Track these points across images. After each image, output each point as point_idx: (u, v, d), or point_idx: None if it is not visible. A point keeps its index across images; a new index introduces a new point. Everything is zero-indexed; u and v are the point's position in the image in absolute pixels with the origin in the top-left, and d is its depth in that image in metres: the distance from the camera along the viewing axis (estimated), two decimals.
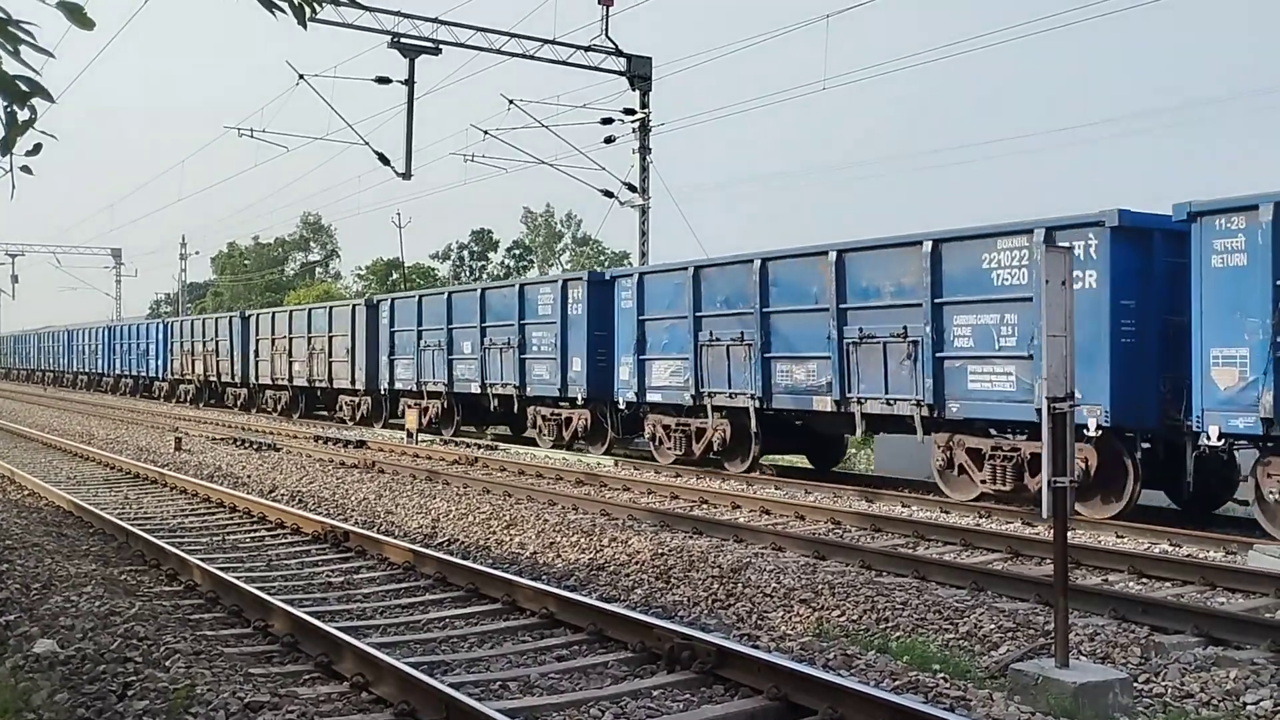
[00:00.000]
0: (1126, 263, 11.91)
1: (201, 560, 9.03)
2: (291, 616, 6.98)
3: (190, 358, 40.74)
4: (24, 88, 3.16)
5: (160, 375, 44.44)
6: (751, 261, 16.39)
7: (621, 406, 19.38)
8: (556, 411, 21.26)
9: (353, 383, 28.74)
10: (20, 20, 3.16)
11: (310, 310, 32.33)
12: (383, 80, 24.12)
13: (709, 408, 17.15)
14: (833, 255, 14.91)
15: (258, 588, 7.99)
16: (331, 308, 31.00)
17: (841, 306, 14.81)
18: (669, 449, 18.15)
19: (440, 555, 9.30)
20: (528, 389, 21.69)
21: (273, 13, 3.50)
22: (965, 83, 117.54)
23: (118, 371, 50.53)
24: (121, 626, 6.79)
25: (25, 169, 3.42)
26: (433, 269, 72.76)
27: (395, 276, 64.76)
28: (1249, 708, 5.81)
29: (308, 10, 3.59)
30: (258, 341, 34.87)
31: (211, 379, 39.02)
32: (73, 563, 9.24)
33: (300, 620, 6.88)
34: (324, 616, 7.35)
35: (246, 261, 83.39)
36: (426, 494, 14.03)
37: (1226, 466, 11.75)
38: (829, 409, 15.11)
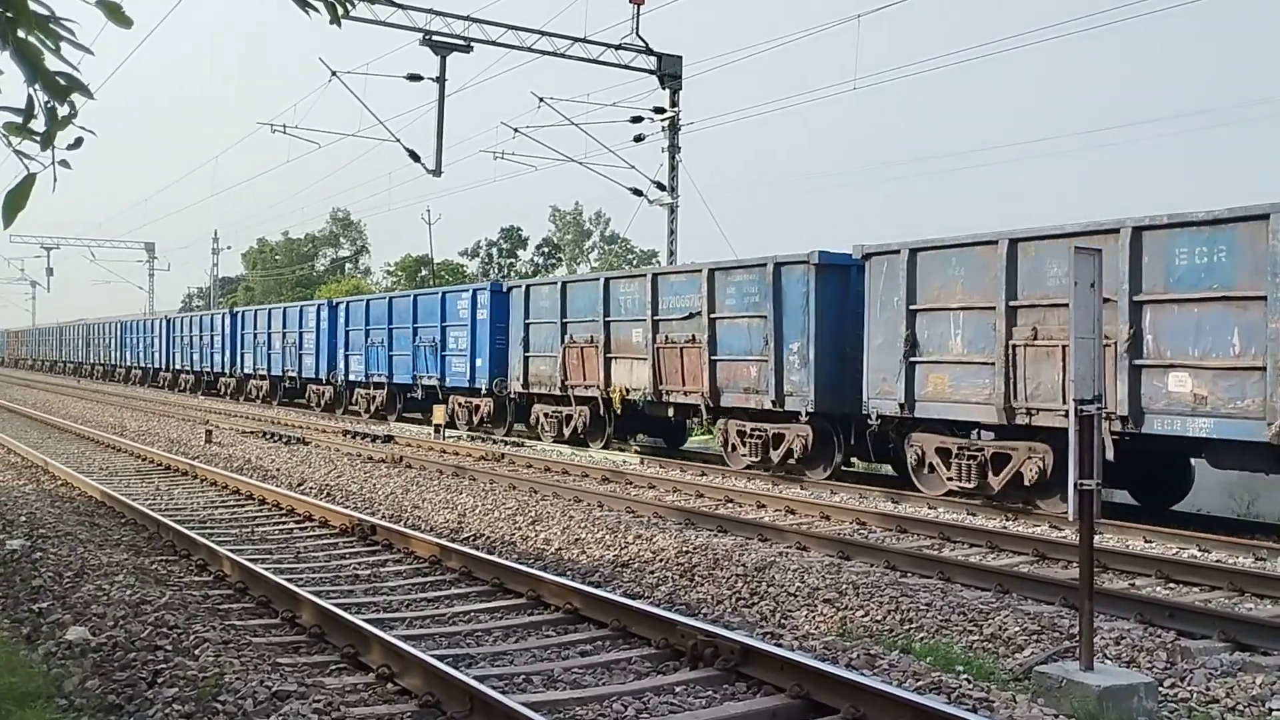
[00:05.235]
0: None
1: (231, 551, 9.14)
2: (319, 608, 7.05)
3: (594, 354, 19.85)
4: (63, 83, 3.21)
5: (484, 383, 23.39)
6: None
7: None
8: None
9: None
10: (61, 17, 3.22)
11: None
12: (414, 78, 24.25)
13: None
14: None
15: (286, 579, 8.07)
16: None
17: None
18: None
19: (466, 550, 9.36)
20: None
21: (306, 11, 3.54)
22: (998, 83, 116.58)
23: (349, 374, 30.11)
24: (152, 615, 6.88)
25: (64, 163, 3.47)
26: (461, 266, 73.01)
27: (424, 273, 64.97)
28: (1275, 713, 5.77)
29: (340, 9, 3.62)
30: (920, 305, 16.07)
31: (686, 395, 17.75)
32: (104, 552, 9.37)
33: (327, 612, 6.95)
34: (351, 608, 7.43)
35: (277, 256, 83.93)
36: (453, 489, 14.11)
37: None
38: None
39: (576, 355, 20.32)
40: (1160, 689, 6.00)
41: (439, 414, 23.96)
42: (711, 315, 17.07)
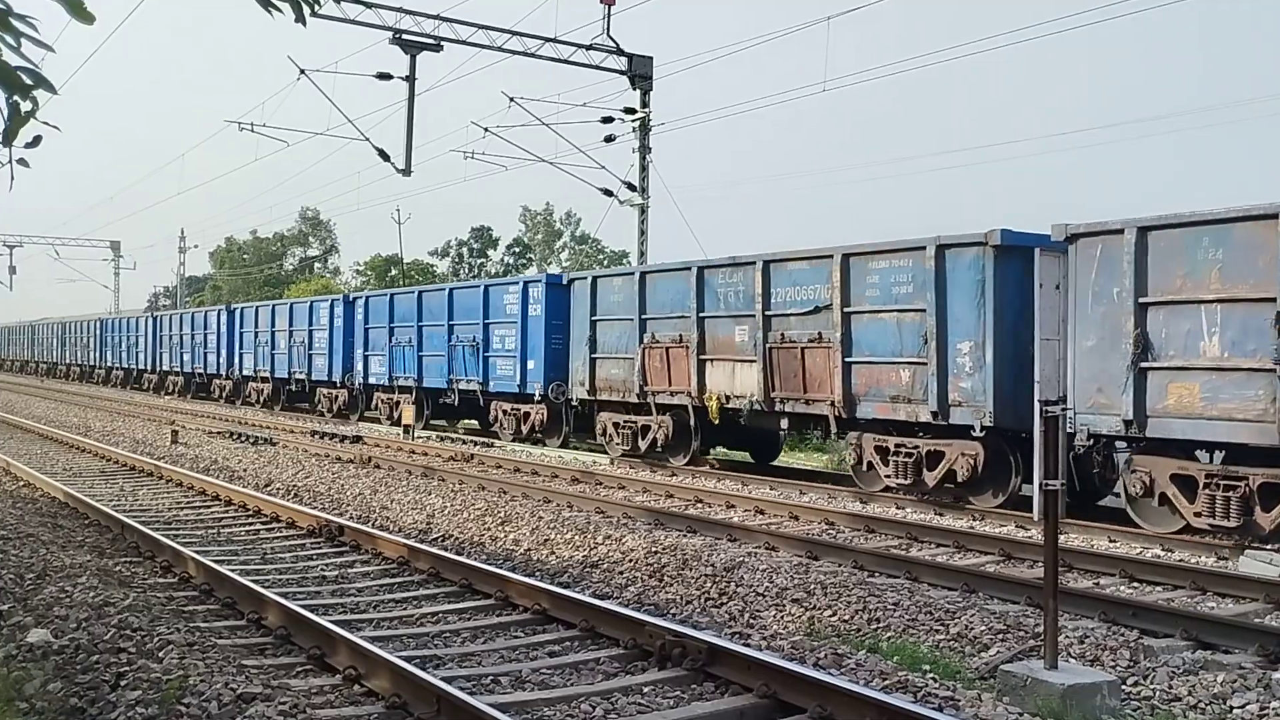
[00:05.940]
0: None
1: (196, 553, 9.06)
2: (285, 609, 7.01)
3: (684, 356, 17.73)
4: (26, 80, 3.17)
5: (537, 388, 20.96)
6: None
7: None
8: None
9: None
10: (22, 14, 3.18)
11: None
12: (384, 76, 24.16)
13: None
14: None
15: (252, 580, 8.01)
16: None
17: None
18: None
19: (434, 551, 9.33)
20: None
21: (269, 11, 3.51)
22: (967, 86, 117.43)
23: (369, 377, 27.42)
24: (115, 617, 6.81)
25: (23, 162, 3.43)
26: (431, 265, 72.70)
27: (394, 273, 64.67)
28: (1235, 711, 5.84)
29: (306, 8, 3.59)
30: None
31: (808, 404, 16.12)
32: (68, 553, 9.27)
33: (293, 613, 6.90)
34: (317, 610, 7.38)
35: (245, 256, 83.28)
36: (422, 490, 14.05)
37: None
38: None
39: (660, 357, 17.69)
40: (1123, 687, 6.06)
41: (407, 414, 23.85)
42: (845, 309, 14.46)
